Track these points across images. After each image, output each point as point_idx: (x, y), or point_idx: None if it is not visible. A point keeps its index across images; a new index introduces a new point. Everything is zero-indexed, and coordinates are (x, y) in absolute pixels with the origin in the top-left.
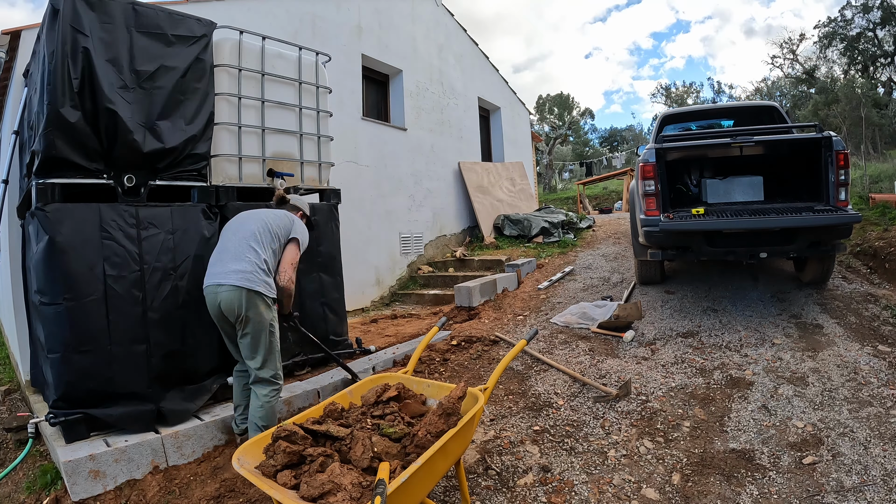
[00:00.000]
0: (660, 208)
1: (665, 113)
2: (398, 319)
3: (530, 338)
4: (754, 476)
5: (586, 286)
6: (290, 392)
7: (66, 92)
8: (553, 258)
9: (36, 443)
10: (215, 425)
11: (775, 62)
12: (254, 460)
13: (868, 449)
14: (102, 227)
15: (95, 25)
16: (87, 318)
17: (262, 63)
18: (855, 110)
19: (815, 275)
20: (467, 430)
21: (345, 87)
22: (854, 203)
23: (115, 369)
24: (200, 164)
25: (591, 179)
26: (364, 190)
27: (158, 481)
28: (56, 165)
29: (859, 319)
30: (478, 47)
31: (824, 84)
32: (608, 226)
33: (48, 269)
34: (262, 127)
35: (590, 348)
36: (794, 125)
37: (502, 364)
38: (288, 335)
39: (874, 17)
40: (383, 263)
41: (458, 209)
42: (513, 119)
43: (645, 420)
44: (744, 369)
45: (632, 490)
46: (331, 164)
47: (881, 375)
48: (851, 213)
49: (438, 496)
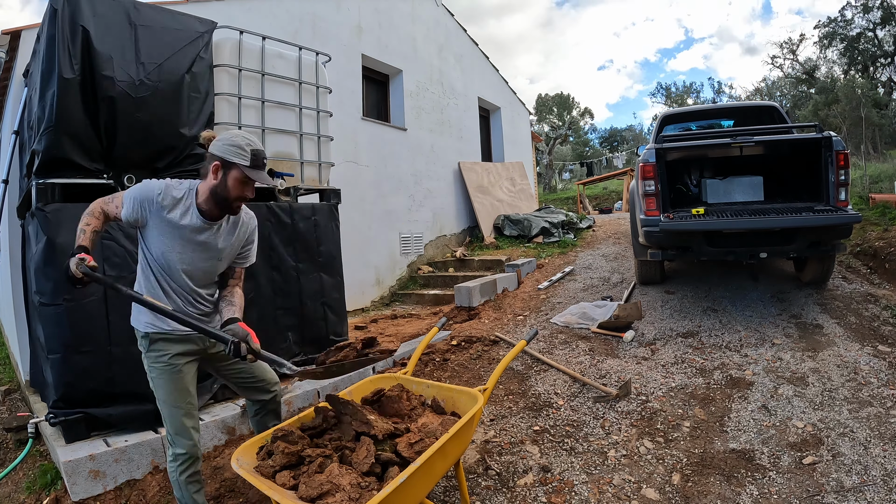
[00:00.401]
0: (660, 208)
1: (665, 113)
2: (398, 319)
3: (530, 338)
4: (754, 476)
5: (586, 286)
6: (290, 392)
7: (66, 91)
8: (553, 258)
9: (36, 443)
10: (215, 425)
11: (775, 62)
12: (252, 461)
13: (868, 449)
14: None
15: (96, 24)
16: (87, 318)
17: (262, 63)
18: (855, 110)
19: (815, 275)
20: (466, 431)
21: (345, 87)
22: (854, 203)
23: (116, 369)
24: (200, 164)
25: (591, 179)
26: (364, 190)
27: (158, 481)
28: (56, 165)
29: (859, 319)
30: (478, 47)
31: (824, 84)
32: (608, 226)
33: (48, 269)
34: (262, 127)
35: (590, 348)
36: (795, 125)
37: (502, 364)
38: (288, 335)
39: (874, 17)
40: (383, 263)
41: (458, 209)
42: (513, 119)
43: (645, 420)
44: (744, 369)
45: (632, 490)
46: (331, 164)
47: (881, 375)
48: (851, 213)
49: (438, 496)
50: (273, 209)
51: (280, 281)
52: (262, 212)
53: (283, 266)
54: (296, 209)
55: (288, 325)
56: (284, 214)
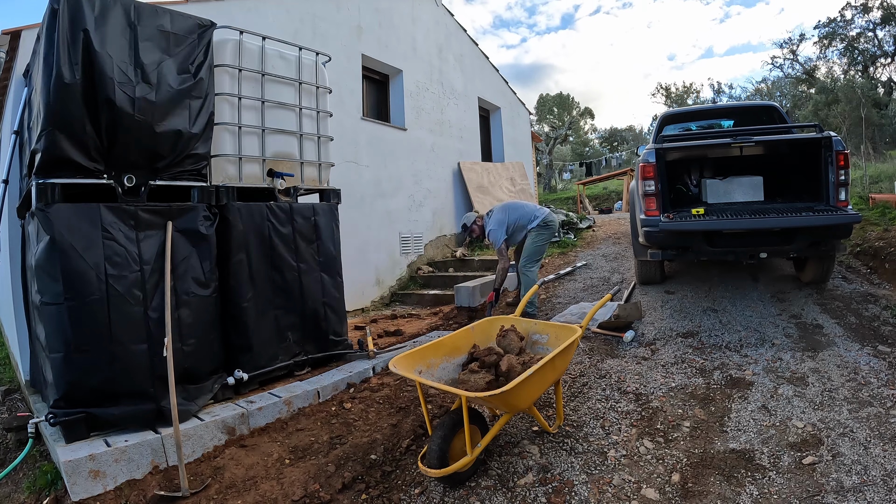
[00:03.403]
0: (660, 208)
1: (665, 113)
2: (398, 319)
3: (615, 293)
4: (754, 476)
5: (586, 286)
6: (290, 392)
7: (66, 91)
8: (553, 258)
9: (36, 443)
10: (215, 425)
11: (775, 62)
12: (407, 368)
13: (868, 449)
14: (103, 227)
15: (96, 24)
16: (89, 317)
17: (262, 63)
18: (855, 110)
19: (815, 275)
20: (567, 354)
21: (345, 87)
22: (854, 203)
23: (117, 369)
24: (200, 164)
25: (591, 179)
26: (364, 190)
27: (158, 481)
28: (56, 165)
29: (859, 319)
30: (478, 47)
31: (824, 84)
32: (608, 226)
33: (49, 268)
34: (262, 127)
35: (590, 348)
36: (795, 125)
37: (592, 311)
38: (288, 335)
39: (874, 17)
40: (383, 263)
41: (458, 209)
42: (513, 119)
43: (645, 420)
44: (744, 369)
45: (632, 490)
46: (331, 164)
47: (881, 375)
48: (851, 213)
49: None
50: (273, 209)
51: (280, 281)
52: (263, 212)
53: (283, 266)
54: (296, 209)
55: (288, 324)
56: (284, 214)
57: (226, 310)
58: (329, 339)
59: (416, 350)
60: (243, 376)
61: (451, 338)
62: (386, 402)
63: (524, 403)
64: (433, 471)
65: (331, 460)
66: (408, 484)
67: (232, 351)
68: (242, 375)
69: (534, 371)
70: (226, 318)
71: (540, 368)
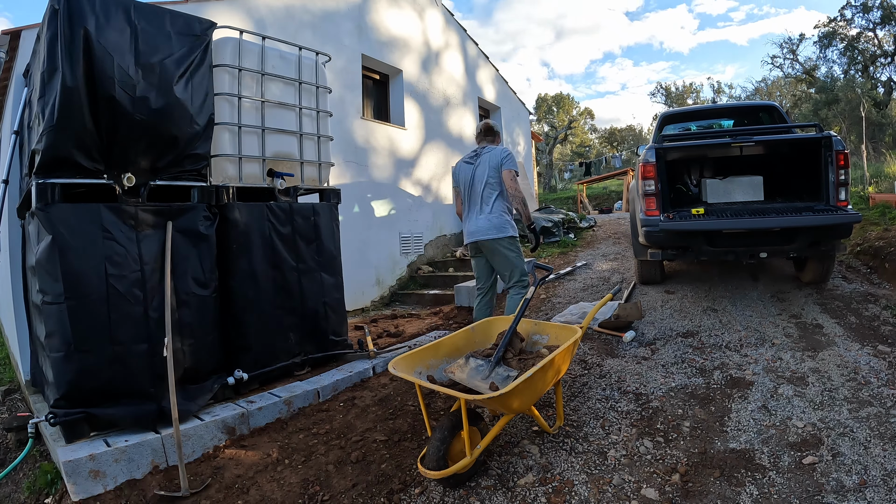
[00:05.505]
0: (660, 208)
1: (665, 113)
2: (398, 319)
3: (615, 292)
4: (754, 476)
5: (586, 286)
6: (289, 392)
7: (66, 90)
8: (553, 258)
9: (36, 443)
10: (215, 425)
11: (775, 62)
12: (406, 369)
13: (868, 449)
14: (104, 227)
15: (96, 24)
16: (89, 317)
17: (261, 63)
18: (855, 110)
19: (815, 275)
20: (568, 353)
21: (345, 87)
22: (854, 203)
23: (117, 368)
24: (200, 164)
25: (591, 179)
26: (364, 190)
27: (159, 481)
28: (56, 165)
29: (859, 319)
30: (478, 47)
31: (824, 84)
32: (608, 226)
33: (50, 268)
34: (261, 127)
35: (590, 348)
36: (794, 125)
37: (593, 311)
38: (289, 335)
39: (874, 17)
40: (383, 263)
41: None
42: (513, 119)
43: (645, 420)
44: (744, 369)
45: (632, 490)
46: (331, 164)
47: (881, 375)
48: (851, 213)
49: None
50: (273, 209)
51: (280, 280)
52: (263, 212)
53: (283, 266)
54: (296, 209)
55: (288, 324)
56: (284, 214)
57: (226, 310)
58: (329, 338)
59: (416, 351)
60: (243, 376)
61: (451, 338)
62: (386, 403)
63: (524, 405)
64: (432, 473)
65: (331, 461)
66: (408, 484)
67: (232, 351)
68: (242, 375)
69: (533, 373)
70: (226, 318)
71: (540, 370)
